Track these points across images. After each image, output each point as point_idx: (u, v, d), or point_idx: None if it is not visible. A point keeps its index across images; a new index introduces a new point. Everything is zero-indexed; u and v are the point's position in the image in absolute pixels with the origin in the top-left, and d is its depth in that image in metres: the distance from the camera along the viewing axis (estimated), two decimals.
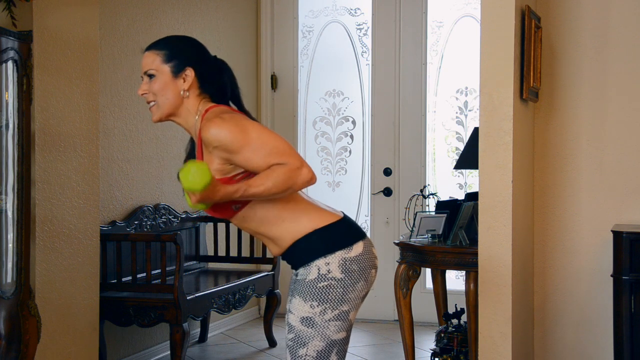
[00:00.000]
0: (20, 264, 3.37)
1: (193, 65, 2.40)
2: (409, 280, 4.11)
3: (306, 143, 6.34)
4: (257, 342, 5.47)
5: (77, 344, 3.85)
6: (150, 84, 2.39)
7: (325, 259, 2.33)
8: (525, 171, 4.07)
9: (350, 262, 2.34)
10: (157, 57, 2.39)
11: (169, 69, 2.38)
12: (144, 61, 2.42)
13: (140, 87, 2.42)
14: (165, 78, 2.38)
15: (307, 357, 2.32)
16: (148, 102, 2.41)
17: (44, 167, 3.64)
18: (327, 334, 2.32)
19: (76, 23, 3.83)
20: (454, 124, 6.05)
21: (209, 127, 2.26)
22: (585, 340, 4.28)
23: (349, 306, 2.35)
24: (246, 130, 2.27)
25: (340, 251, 2.34)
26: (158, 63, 2.38)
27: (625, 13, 4.23)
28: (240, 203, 2.34)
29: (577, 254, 4.28)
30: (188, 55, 2.42)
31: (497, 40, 3.68)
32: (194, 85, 2.40)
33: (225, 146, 2.24)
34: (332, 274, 2.32)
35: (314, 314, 2.32)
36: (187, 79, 2.39)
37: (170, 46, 2.41)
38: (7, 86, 3.31)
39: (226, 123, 2.26)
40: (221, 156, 2.28)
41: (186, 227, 5.23)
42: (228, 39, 5.88)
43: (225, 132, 2.24)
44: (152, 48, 2.42)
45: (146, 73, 2.40)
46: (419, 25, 6.06)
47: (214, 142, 2.25)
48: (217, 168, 2.30)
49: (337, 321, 2.33)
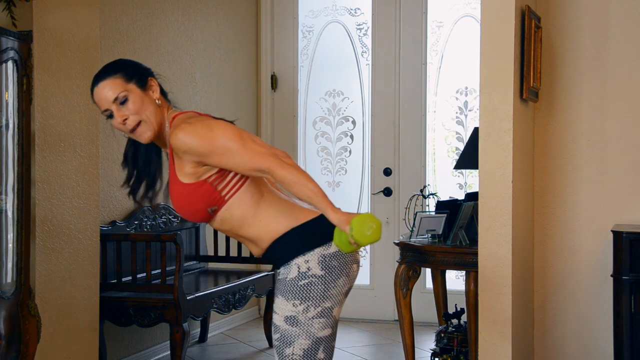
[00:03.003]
0: (20, 264, 3.37)
1: (151, 75, 2.40)
2: (409, 280, 4.11)
3: (306, 143, 6.34)
4: (257, 342, 5.47)
5: (77, 344, 3.85)
6: (125, 108, 2.33)
7: (305, 256, 2.34)
8: (525, 171, 4.07)
9: (330, 258, 2.35)
10: (117, 80, 2.33)
11: (135, 86, 2.35)
12: (104, 92, 2.32)
13: (115, 119, 2.33)
14: (138, 94, 2.34)
15: (294, 356, 2.32)
16: (132, 127, 2.33)
17: (44, 167, 3.64)
18: (311, 331, 2.32)
19: (76, 23, 3.83)
20: (454, 124, 6.05)
21: (177, 133, 2.27)
22: (585, 340, 4.28)
23: (331, 302, 2.34)
24: (212, 129, 2.28)
25: (319, 248, 2.34)
26: (123, 85, 2.33)
27: (625, 13, 4.23)
28: (216, 205, 2.35)
29: (577, 254, 4.28)
30: (140, 70, 2.40)
31: (497, 40, 3.68)
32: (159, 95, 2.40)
33: (194, 150, 2.26)
34: (312, 272, 2.33)
35: (297, 313, 2.32)
36: (154, 88, 2.39)
37: (120, 68, 2.36)
38: (7, 86, 3.31)
39: (192, 126, 2.28)
40: (192, 160, 2.29)
41: (186, 227, 5.23)
42: (228, 39, 5.88)
43: (192, 136, 2.25)
44: (105, 77, 2.34)
45: (116, 100, 2.32)
46: (419, 25, 6.06)
47: (183, 147, 2.26)
48: (190, 172, 2.31)
49: (321, 318, 2.33)
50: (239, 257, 5.37)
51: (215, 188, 2.33)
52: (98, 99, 2.35)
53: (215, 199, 2.34)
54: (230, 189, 2.34)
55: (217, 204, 2.34)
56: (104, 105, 2.34)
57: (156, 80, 2.41)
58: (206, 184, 2.32)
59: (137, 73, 2.37)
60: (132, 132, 2.36)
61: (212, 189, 2.33)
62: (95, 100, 2.36)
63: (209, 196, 2.33)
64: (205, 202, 2.33)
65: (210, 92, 5.60)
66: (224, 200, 2.35)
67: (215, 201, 2.34)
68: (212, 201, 2.34)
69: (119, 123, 2.34)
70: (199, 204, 2.34)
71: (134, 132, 2.35)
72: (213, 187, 2.33)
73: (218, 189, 2.33)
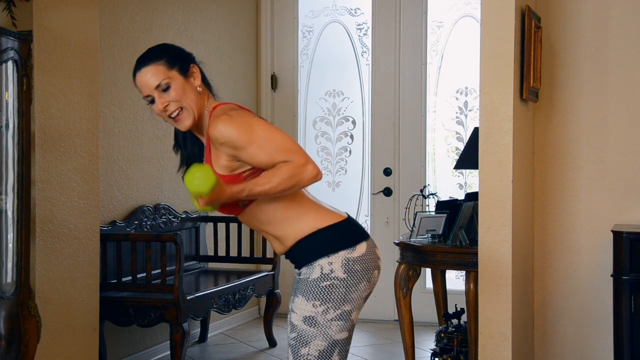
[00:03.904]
0: (20, 264, 3.37)
1: (194, 62, 2.42)
2: (409, 280, 4.11)
3: (306, 143, 6.34)
4: (257, 342, 5.47)
5: (77, 344, 3.85)
6: (167, 95, 2.34)
7: (329, 258, 2.34)
8: (525, 171, 4.07)
9: (353, 262, 2.35)
10: (160, 67, 2.34)
11: (177, 73, 2.36)
12: (146, 78, 2.34)
13: (156, 105, 2.34)
14: (180, 81, 2.35)
15: (309, 356, 2.33)
16: (171, 113, 2.35)
17: (44, 167, 3.64)
18: (329, 333, 2.32)
19: (76, 23, 3.83)
20: (454, 124, 6.05)
21: (217, 124, 2.27)
22: (585, 340, 4.28)
23: (351, 306, 2.35)
24: (252, 127, 2.28)
25: (344, 251, 2.35)
26: (165, 71, 2.34)
27: (625, 13, 4.23)
28: (247, 200, 2.34)
29: (577, 254, 4.29)
30: (183, 56, 2.42)
31: (497, 40, 3.68)
32: (201, 82, 2.41)
33: (232, 143, 2.25)
34: (334, 274, 2.33)
35: (316, 314, 2.32)
36: (195, 75, 2.40)
37: (163, 54, 2.38)
38: (7, 86, 3.31)
39: (233, 120, 2.28)
40: (228, 153, 2.29)
41: (186, 227, 5.23)
42: (228, 39, 5.88)
43: (232, 128, 2.25)
44: (148, 62, 2.35)
45: (158, 87, 2.33)
46: (419, 25, 6.07)
47: (221, 138, 2.26)
48: (225, 165, 2.31)
49: (340, 321, 2.33)
50: (239, 257, 5.37)
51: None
52: (140, 84, 2.36)
53: None
54: None
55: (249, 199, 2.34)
56: (146, 91, 2.35)
57: (198, 67, 2.42)
58: (240, 178, 2.31)
59: (180, 59, 2.38)
60: (173, 119, 2.36)
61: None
62: (137, 84, 2.37)
63: None
64: None
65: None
66: None
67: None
68: None
69: (160, 110, 2.35)
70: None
71: (175, 118, 2.36)
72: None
73: None
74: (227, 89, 5.84)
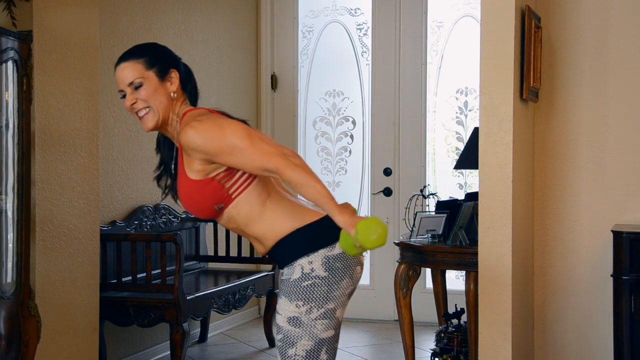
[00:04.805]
0: (20, 264, 3.37)
1: (175, 67, 2.42)
2: (409, 280, 4.11)
3: (306, 143, 6.34)
4: (257, 342, 5.47)
5: (77, 344, 3.85)
6: (137, 93, 2.37)
7: (308, 257, 2.34)
8: (525, 171, 4.07)
9: (334, 259, 2.35)
10: (138, 65, 2.37)
11: (154, 74, 2.38)
12: (123, 74, 2.37)
13: (127, 99, 2.38)
14: (154, 83, 2.37)
15: (296, 356, 2.32)
16: (138, 111, 2.38)
17: (44, 167, 3.64)
18: (314, 332, 2.32)
19: (76, 23, 3.83)
20: (454, 124, 6.05)
21: (186, 131, 2.28)
22: (585, 340, 4.28)
23: (334, 304, 2.35)
24: (223, 129, 2.29)
25: (323, 249, 2.34)
26: (142, 70, 2.37)
27: (625, 13, 4.23)
28: (222, 203, 2.35)
29: (577, 254, 4.28)
30: (167, 59, 2.43)
31: (497, 40, 3.68)
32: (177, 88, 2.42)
33: (202, 148, 2.26)
34: (315, 273, 2.33)
35: (300, 314, 2.32)
36: (173, 80, 2.41)
37: (147, 53, 2.40)
38: (7, 86, 3.31)
39: (202, 125, 2.28)
40: (200, 157, 2.30)
41: (186, 227, 5.22)
42: (228, 38, 5.88)
43: (201, 134, 2.26)
44: (129, 58, 2.38)
45: (131, 84, 2.37)
46: (419, 25, 6.07)
47: (191, 144, 2.27)
48: (199, 169, 2.32)
49: (324, 319, 2.33)
50: (239, 257, 5.37)
51: (222, 186, 2.33)
52: (117, 77, 2.40)
53: (222, 197, 2.34)
54: (238, 187, 2.35)
55: (224, 201, 2.35)
56: (120, 85, 2.39)
57: (178, 73, 2.42)
58: (214, 182, 2.32)
59: (161, 62, 2.40)
60: (139, 117, 2.40)
61: (219, 186, 2.33)
62: (115, 76, 2.41)
63: (216, 194, 2.33)
64: (212, 199, 2.34)
65: (210, 92, 5.59)
66: (231, 198, 2.35)
67: (222, 199, 2.34)
68: (219, 199, 2.34)
69: (128, 106, 2.39)
70: (206, 201, 2.34)
71: (141, 117, 2.39)
72: (221, 185, 2.33)
73: (226, 186, 2.34)
74: (227, 89, 5.85)
